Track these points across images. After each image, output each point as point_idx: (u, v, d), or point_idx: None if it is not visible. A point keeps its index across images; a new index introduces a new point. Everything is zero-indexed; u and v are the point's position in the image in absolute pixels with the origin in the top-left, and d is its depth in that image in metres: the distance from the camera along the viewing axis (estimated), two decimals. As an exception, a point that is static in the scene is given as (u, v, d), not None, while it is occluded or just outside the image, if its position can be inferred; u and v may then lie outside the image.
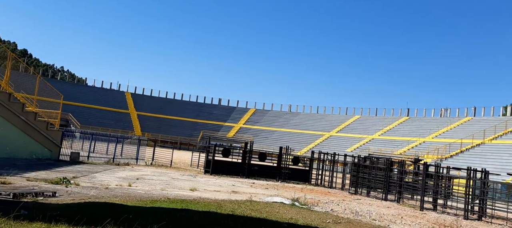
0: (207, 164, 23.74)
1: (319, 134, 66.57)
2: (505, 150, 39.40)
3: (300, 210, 12.16)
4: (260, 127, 74.47)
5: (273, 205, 12.56)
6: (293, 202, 14.27)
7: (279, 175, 25.06)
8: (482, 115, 54.67)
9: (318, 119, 73.83)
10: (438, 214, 16.89)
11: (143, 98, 79.35)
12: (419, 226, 12.43)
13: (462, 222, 15.13)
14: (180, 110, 77.50)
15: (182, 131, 69.43)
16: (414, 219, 14.26)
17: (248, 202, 12.58)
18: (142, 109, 73.98)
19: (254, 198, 14.33)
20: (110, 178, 16.05)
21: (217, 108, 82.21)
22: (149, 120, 71.28)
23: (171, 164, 26.03)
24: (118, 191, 12.64)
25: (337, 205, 15.41)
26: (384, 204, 18.52)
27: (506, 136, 44.11)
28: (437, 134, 53.45)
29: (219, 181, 19.83)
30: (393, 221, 13.04)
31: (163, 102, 79.70)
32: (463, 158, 39.97)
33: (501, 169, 30.09)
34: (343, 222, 11.08)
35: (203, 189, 15.80)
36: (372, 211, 14.85)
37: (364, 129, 63.94)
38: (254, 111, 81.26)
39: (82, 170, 17.80)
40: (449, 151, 43.62)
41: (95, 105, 69.58)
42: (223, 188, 16.95)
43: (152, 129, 65.07)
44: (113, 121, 65.99)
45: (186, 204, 10.40)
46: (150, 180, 16.77)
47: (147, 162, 25.49)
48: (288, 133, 69.50)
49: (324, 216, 11.58)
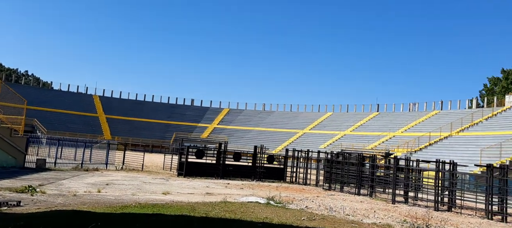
0: (180, 167, 23.33)
1: (293, 132, 67.01)
2: (472, 142, 40.85)
3: (275, 209, 12.09)
4: (235, 127, 74.19)
5: (248, 205, 12.43)
6: (268, 201, 14.19)
7: (254, 174, 24.96)
8: (449, 109, 56.50)
9: (292, 117, 74.31)
10: (409, 207, 17.24)
11: (112, 100, 77.41)
12: (391, 219, 12.61)
13: (433, 214, 15.48)
14: (151, 112, 76.10)
15: (154, 134, 68.19)
16: (386, 212, 14.47)
17: (222, 203, 12.39)
18: (111, 112, 72.15)
19: (229, 199, 14.15)
20: (78, 185, 15.47)
21: (190, 109, 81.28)
22: (119, 123, 69.61)
23: (143, 168, 25.44)
24: (87, 198, 12.17)
25: (311, 202, 15.45)
26: (357, 198, 18.74)
27: (472, 128, 45.75)
28: (406, 128, 54.84)
29: (193, 183, 19.51)
30: (366, 215, 13.18)
31: (133, 104, 78.03)
32: (432, 151, 41.13)
33: (468, 160, 31.12)
34: (318, 218, 11.07)
35: (176, 192, 15.47)
36: (345, 206, 14.98)
37: (336, 125, 64.84)
38: (228, 111, 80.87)
39: (49, 177, 17.09)
40: (418, 144, 44.81)
41: (62, 109, 67.33)
42: (197, 190, 16.68)
43: (122, 133, 63.56)
44: (81, 126, 64.01)
45: (158, 208, 10.09)
46: (120, 185, 16.28)
47: (117, 167, 24.80)
48: (263, 132, 69.58)
49: (299, 214, 11.54)
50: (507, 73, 61.98)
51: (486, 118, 47.17)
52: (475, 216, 15.74)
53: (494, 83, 62.78)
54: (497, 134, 39.87)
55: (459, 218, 14.71)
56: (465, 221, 13.95)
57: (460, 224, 13.05)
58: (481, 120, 46.93)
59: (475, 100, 56.79)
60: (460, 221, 13.96)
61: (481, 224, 13.45)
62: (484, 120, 46.81)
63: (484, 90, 64.76)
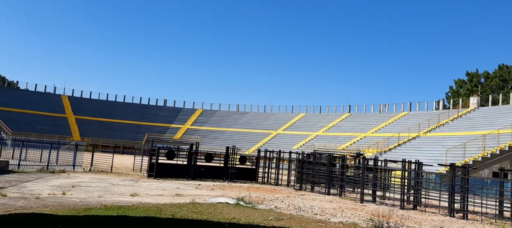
0: (151, 168, 22.99)
1: (266, 132, 67.29)
2: (438, 142, 42.23)
3: (244, 209, 12.11)
4: (208, 127, 73.79)
5: (216, 206, 12.40)
6: (238, 201, 14.20)
7: (226, 175, 24.90)
8: (417, 110, 58.19)
9: (265, 118, 74.59)
10: (377, 205, 17.64)
11: (82, 101, 75.43)
12: (358, 218, 12.87)
13: (398, 212, 15.92)
14: (122, 112, 74.61)
15: (125, 135, 66.89)
16: (354, 211, 14.76)
17: (190, 204, 12.30)
18: (81, 113, 70.27)
19: (198, 199, 14.07)
20: (42, 187, 15.00)
21: (163, 109, 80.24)
22: (89, 124, 67.88)
23: (112, 170, 24.91)
24: (50, 201, 11.81)
25: (281, 202, 15.57)
26: (327, 198, 19.02)
27: (439, 129, 47.30)
28: (376, 129, 56.10)
29: (163, 185, 19.27)
30: (334, 214, 13.40)
31: (104, 104, 76.28)
32: (401, 151, 42.25)
33: (435, 160, 32.15)
34: (285, 218, 11.17)
35: (145, 194, 15.24)
36: (314, 205, 15.18)
37: (309, 126, 65.57)
38: (201, 112, 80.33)
39: (11, 180, 16.49)
40: (387, 144, 45.92)
41: (29, 110, 65.05)
42: (167, 192, 16.49)
43: (92, 134, 62.00)
44: (49, 127, 62.06)
45: (123, 210, 9.92)
46: (87, 187, 15.89)
47: (85, 169, 24.19)
48: (237, 133, 69.51)
49: (267, 214, 11.61)
50: (471, 76, 64.45)
51: (451, 119, 48.90)
52: (438, 214, 16.27)
53: (460, 85, 65.14)
54: (462, 134, 41.40)
55: (423, 216, 15.17)
56: (428, 219, 14.41)
57: (423, 222, 13.47)
58: (447, 121, 48.60)
59: (442, 102, 58.74)
60: (423, 218, 14.41)
61: (443, 221, 13.92)
62: (450, 121, 48.51)
63: (450, 92, 67.06)
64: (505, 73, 59.53)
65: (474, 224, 13.83)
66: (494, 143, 34.26)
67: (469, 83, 62.74)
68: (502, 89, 56.06)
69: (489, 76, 61.81)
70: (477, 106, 50.08)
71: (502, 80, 59.24)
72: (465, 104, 53.14)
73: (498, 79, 59.61)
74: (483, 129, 39.69)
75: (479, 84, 61.14)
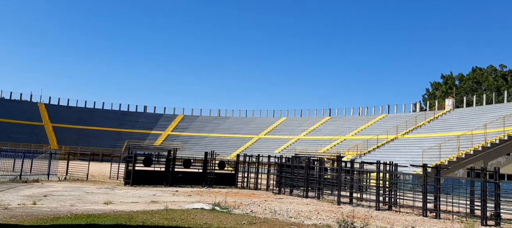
0: (127, 175, 22.70)
1: (248, 137, 67.27)
2: (415, 144, 43.03)
3: (218, 215, 12.08)
4: (190, 133, 73.26)
5: (190, 212, 12.33)
6: (214, 207, 14.16)
7: (205, 180, 24.79)
8: (395, 112, 59.19)
9: (247, 122, 74.57)
10: (353, 207, 17.85)
11: (59, 108, 73.84)
12: (332, 220, 13.00)
13: (373, 213, 16.16)
14: (102, 120, 73.36)
15: (105, 142, 65.78)
16: (330, 213, 14.91)
17: (164, 211, 12.20)
18: (58, 121, 68.77)
19: (173, 206, 13.97)
20: (13, 197, 14.63)
21: (143, 116, 79.27)
22: (67, 132, 66.49)
23: (88, 178, 24.48)
24: (19, 211, 11.53)
25: (258, 206, 15.59)
26: (305, 201, 19.14)
27: (416, 131, 48.23)
28: (356, 131, 56.79)
29: (139, 192, 19.05)
30: (309, 217, 13.50)
31: (82, 112, 74.87)
32: (379, 153, 42.86)
33: (412, 161, 32.74)
34: (259, 222, 11.20)
35: (119, 201, 15.03)
36: (291, 209, 15.26)
37: (290, 130, 65.87)
38: (182, 117, 79.73)
39: (-20, 191, 16.02)
40: (367, 147, 46.54)
41: (4, 118, 63.33)
42: (142, 199, 16.30)
43: (70, 142, 60.77)
44: (25, 135, 60.51)
45: (93, 219, 9.76)
46: (60, 197, 15.58)
47: (60, 177, 23.69)
48: (218, 138, 69.26)
49: (241, 218, 11.61)
50: (446, 78, 66.02)
51: (428, 120, 49.93)
52: (412, 214, 16.58)
53: (436, 87, 66.63)
54: (438, 135, 42.30)
55: (397, 216, 15.44)
56: (401, 219, 14.67)
57: (396, 222, 13.70)
58: (424, 122, 49.61)
59: (419, 104, 59.89)
60: (397, 218, 14.66)
61: (415, 221, 14.19)
62: (427, 122, 49.53)
63: (427, 94, 68.53)
64: (479, 76, 61.25)
65: (445, 223, 14.14)
66: (468, 144, 35.12)
67: (444, 85, 64.25)
68: (475, 91, 57.64)
69: (463, 78, 63.47)
70: (452, 108, 51.33)
71: (476, 82, 60.91)
72: (440, 105, 54.36)
73: (471, 81, 61.27)
74: (458, 130, 40.68)
75: (454, 86, 62.70)
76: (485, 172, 15.54)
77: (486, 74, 61.16)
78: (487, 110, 45.46)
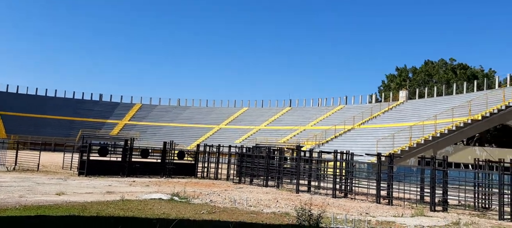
0: (82, 165, 21.85)
1: (209, 127, 66.82)
2: (371, 134, 44.59)
3: (176, 204, 11.92)
4: (148, 123, 71.66)
5: (147, 202, 12.07)
6: (172, 197, 13.96)
7: (163, 171, 24.36)
8: (352, 103, 60.99)
9: (207, 112, 74.00)
10: (311, 195, 18.26)
11: (8, 96, 69.73)
12: (290, 208, 13.21)
13: (330, 200, 16.62)
14: (54, 108, 70.07)
15: (58, 131, 62.93)
16: (288, 201, 15.15)
17: (120, 201, 11.86)
18: (6, 109, 64.95)
19: (129, 196, 13.62)
20: (-46, 190, 13.66)
21: (98, 104, 76.51)
22: (16, 120, 62.93)
23: (39, 168, 23.33)
24: (-40, 204, 10.78)
25: (218, 196, 15.55)
26: (264, 190, 19.34)
27: (371, 121, 49.97)
28: (315, 122, 57.99)
29: (94, 183, 18.41)
30: (268, 205, 13.65)
31: (33, 99, 71.10)
32: (337, 143, 44.06)
33: (367, 150, 33.85)
34: (218, 211, 11.17)
35: (72, 192, 14.45)
36: (250, 198, 15.35)
37: (251, 120, 66.14)
38: (140, 107, 77.75)
39: None
40: (325, 137, 47.67)
41: None
42: (97, 190, 15.76)
43: (20, 131, 57.56)
44: (-31, 124, 56.69)
45: (43, 210, 9.31)
46: (8, 188, 14.73)
47: (8, 168, 22.43)
48: (178, 128, 68.26)
49: (200, 208, 11.53)
50: (400, 71, 68.71)
51: (383, 111, 51.88)
52: (366, 201, 17.21)
53: (391, 79, 69.19)
54: (392, 126, 44.07)
55: (352, 203, 15.96)
56: (356, 206, 15.18)
57: (351, 209, 14.16)
58: (379, 113, 51.49)
59: (375, 96, 62.03)
60: (352, 205, 15.16)
61: (369, 208, 14.73)
62: (382, 113, 51.45)
63: (382, 86, 71.03)
64: (430, 68, 64.23)
65: (396, 209, 14.79)
66: (419, 134, 36.86)
67: (398, 77, 66.84)
68: (427, 83, 60.42)
69: (416, 71, 66.30)
70: (406, 99, 53.61)
71: (428, 75, 63.85)
72: (395, 97, 56.57)
73: (424, 74, 64.15)
74: (411, 121, 42.56)
75: (408, 79, 65.39)
76: (434, 161, 16.37)
77: (437, 67, 64.25)
78: (438, 102, 47.90)
